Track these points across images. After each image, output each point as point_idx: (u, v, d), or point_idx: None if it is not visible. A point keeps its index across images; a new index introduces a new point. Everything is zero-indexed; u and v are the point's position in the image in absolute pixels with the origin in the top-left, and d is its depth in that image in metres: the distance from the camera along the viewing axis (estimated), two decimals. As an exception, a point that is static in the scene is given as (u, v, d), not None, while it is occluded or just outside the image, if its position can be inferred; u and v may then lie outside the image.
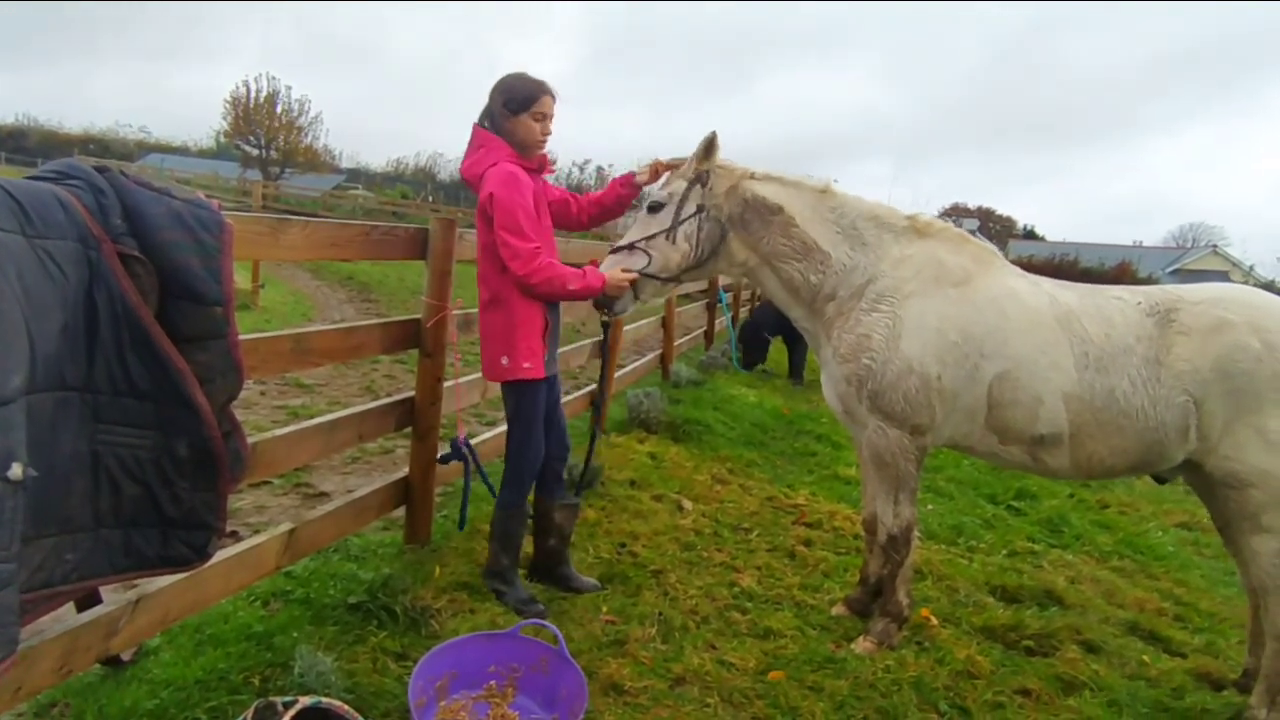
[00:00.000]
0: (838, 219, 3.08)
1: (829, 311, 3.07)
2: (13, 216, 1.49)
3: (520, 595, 3.11)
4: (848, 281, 3.03)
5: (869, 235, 3.05)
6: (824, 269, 3.05)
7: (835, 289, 3.04)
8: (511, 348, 2.94)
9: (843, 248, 3.05)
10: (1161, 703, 2.97)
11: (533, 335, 2.96)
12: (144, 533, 1.80)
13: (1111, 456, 2.85)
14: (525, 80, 2.97)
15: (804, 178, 3.17)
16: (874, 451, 3.03)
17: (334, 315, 11.55)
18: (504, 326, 2.95)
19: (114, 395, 1.68)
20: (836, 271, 3.04)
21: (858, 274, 3.02)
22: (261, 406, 6.00)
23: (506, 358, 2.94)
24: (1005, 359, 2.86)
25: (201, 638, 2.59)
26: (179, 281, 1.75)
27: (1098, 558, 4.67)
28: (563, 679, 2.46)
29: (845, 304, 3.02)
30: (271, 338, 2.54)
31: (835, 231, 3.06)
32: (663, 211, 3.09)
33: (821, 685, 2.79)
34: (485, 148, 2.96)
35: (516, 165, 2.92)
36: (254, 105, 42.27)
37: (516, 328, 2.93)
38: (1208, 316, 2.77)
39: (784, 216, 3.06)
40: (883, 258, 3.02)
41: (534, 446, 3.12)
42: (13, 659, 1.45)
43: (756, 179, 3.11)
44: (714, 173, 3.09)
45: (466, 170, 3.03)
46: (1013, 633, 3.34)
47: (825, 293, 3.06)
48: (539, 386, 3.05)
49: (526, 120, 2.94)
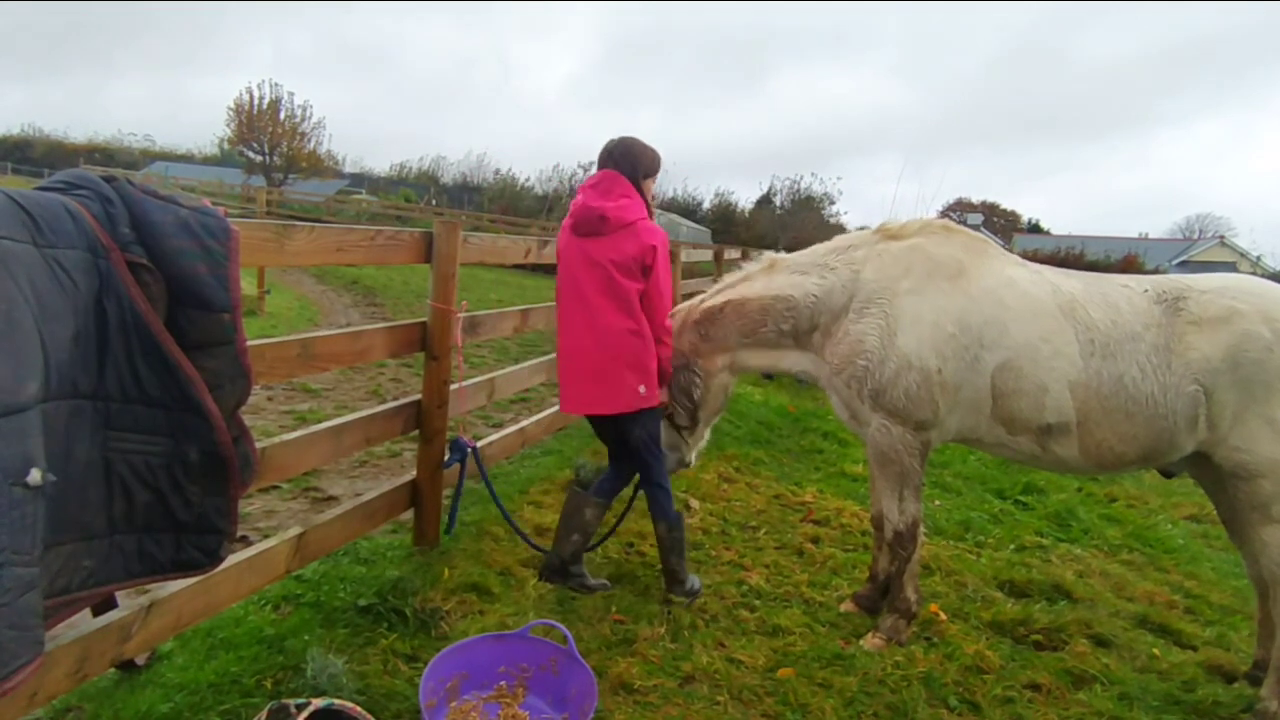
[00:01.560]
0: (792, 269, 3.22)
1: (816, 341, 3.15)
2: (23, 227, 1.50)
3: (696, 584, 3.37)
4: (826, 307, 3.11)
5: (835, 260, 3.15)
6: (791, 313, 3.16)
7: (815, 319, 3.13)
8: (648, 376, 3.13)
9: (808, 282, 3.15)
10: (1173, 695, 2.96)
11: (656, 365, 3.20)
12: (157, 538, 1.82)
13: (1121, 444, 2.83)
14: (655, 151, 3.28)
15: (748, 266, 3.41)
16: (877, 449, 3.03)
17: (340, 320, 11.58)
18: (644, 358, 3.14)
19: (125, 402, 1.70)
20: (809, 306, 3.13)
21: (835, 295, 3.09)
22: (269, 411, 6.03)
23: (644, 386, 3.12)
24: (1006, 348, 2.86)
25: (214, 641, 2.61)
26: (187, 289, 1.77)
27: (1107, 551, 4.66)
28: (572, 678, 2.47)
29: (831, 326, 3.10)
30: (278, 343, 2.55)
31: (793, 274, 3.20)
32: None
33: (831, 682, 2.79)
34: (630, 199, 3.14)
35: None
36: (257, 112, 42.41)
37: (648, 356, 3.14)
38: (1217, 305, 2.76)
39: (733, 304, 3.26)
40: (861, 269, 3.07)
41: (664, 462, 3.37)
42: (39, 661, 1.47)
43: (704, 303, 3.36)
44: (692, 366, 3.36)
45: (615, 214, 3.10)
46: (1022, 627, 3.34)
47: (804, 329, 3.16)
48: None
49: (650, 185, 3.28)
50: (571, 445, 5.38)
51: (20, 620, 1.41)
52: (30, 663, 1.44)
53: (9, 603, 1.38)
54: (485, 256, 3.93)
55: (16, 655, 1.41)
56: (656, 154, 3.29)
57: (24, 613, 1.42)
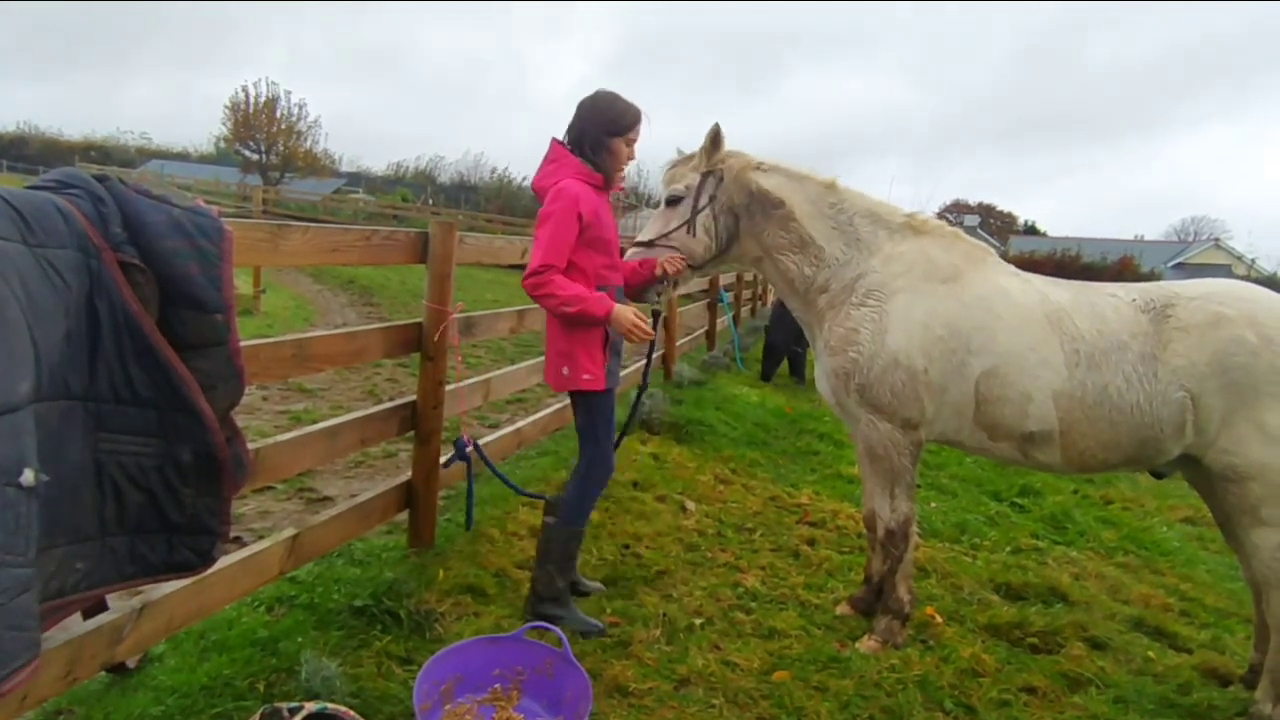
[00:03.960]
0: (836, 214, 3.13)
1: (821, 304, 3.12)
2: (13, 226, 1.49)
3: (580, 618, 3.02)
4: (840, 276, 3.08)
5: (864, 232, 3.10)
6: (818, 263, 3.11)
7: (828, 282, 3.10)
8: (571, 359, 2.92)
9: (837, 243, 3.10)
10: (1168, 699, 2.96)
11: (593, 346, 2.91)
12: (149, 539, 1.81)
13: (1104, 452, 2.86)
14: (627, 104, 2.97)
15: (811, 171, 3.21)
16: (867, 445, 3.05)
17: (336, 320, 11.56)
18: (564, 337, 2.93)
19: (117, 403, 1.69)
20: (830, 265, 3.10)
21: (850, 269, 3.07)
22: (264, 412, 6.01)
23: (567, 368, 2.93)
24: (993, 355, 2.88)
25: (206, 644, 2.59)
26: (179, 289, 1.76)
27: (1102, 554, 4.67)
28: (567, 681, 2.46)
29: (837, 297, 3.08)
30: (273, 343, 2.54)
31: (832, 227, 3.12)
32: (681, 204, 3.14)
33: (827, 685, 2.79)
34: (557, 163, 2.95)
35: (582, 183, 2.90)
36: (253, 110, 42.32)
37: (576, 338, 2.91)
38: (1204, 311, 2.77)
39: (784, 210, 3.12)
40: (875, 254, 3.07)
41: (602, 463, 3.06)
42: (37, 663, 1.46)
43: (763, 170, 3.16)
44: (724, 164, 3.14)
45: (537, 182, 3.00)
46: (1018, 630, 3.34)
47: (818, 285, 3.12)
48: (604, 398, 3.01)
49: (621, 144, 2.97)
50: (568, 446, 5.37)
51: (17, 621, 1.40)
52: (28, 664, 1.43)
53: (5, 603, 1.37)
54: (481, 256, 3.92)
55: (14, 657, 1.40)
56: (619, 107, 2.94)
57: (20, 614, 1.41)
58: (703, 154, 3.15)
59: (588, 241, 2.89)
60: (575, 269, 2.88)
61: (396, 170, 61.33)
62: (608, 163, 2.96)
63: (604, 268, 2.96)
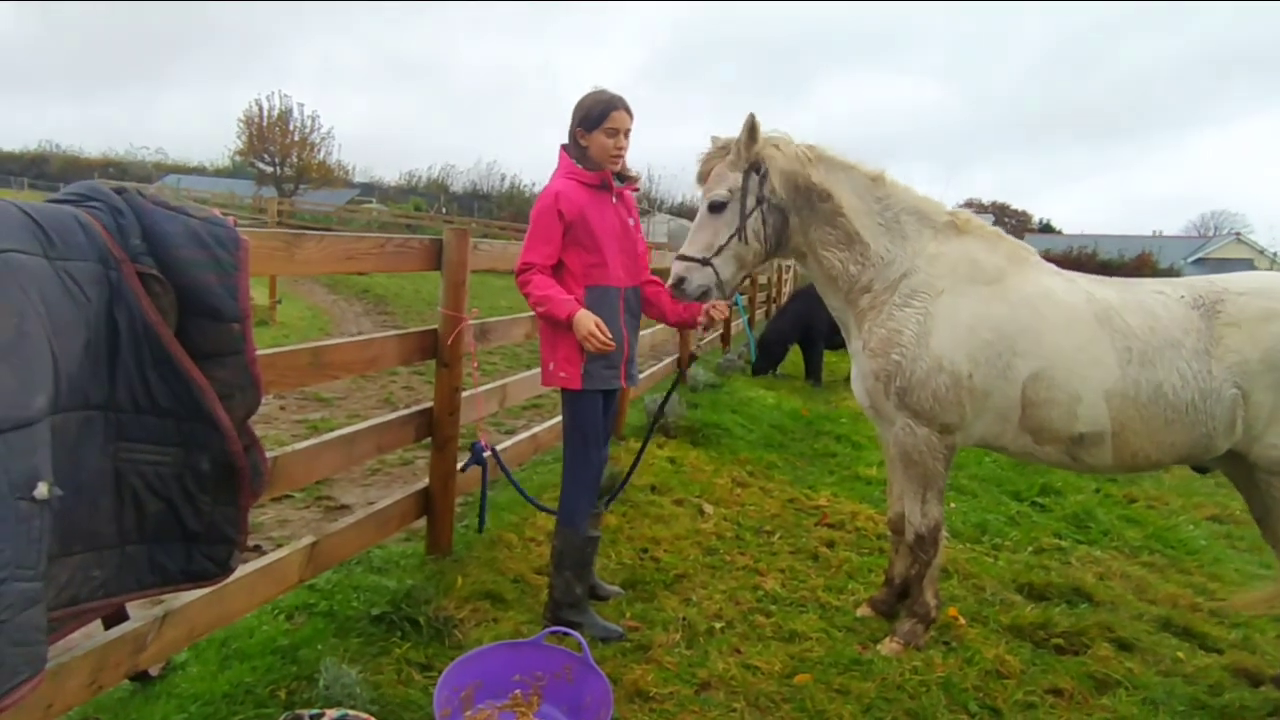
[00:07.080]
0: (883, 210, 3.02)
1: (863, 303, 3.02)
2: (35, 239, 1.51)
3: (600, 623, 3.01)
4: (884, 275, 2.98)
5: (910, 229, 3.01)
6: (864, 261, 3.00)
7: (871, 281, 3.00)
8: (553, 354, 2.97)
9: (883, 240, 3.00)
10: (1198, 700, 2.90)
11: (569, 345, 2.90)
12: (167, 548, 1.82)
13: (1158, 452, 2.81)
14: (598, 96, 2.96)
15: (858, 162, 3.06)
16: (902, 450, 3.00)
17: (351, 328, 11.64)
18: (547, 335, 3.00)
19: (136, 413, 1.70)
20: (874, 264, 2.99)
21: (894, 268, 2.98)
22: (281, 421, 6.05)
23: (552, 363, 2.98)
24: (1039, 357, 2.82)
25: (227, 652, 2.60)
26: (197, 299, 1.77)
27: (1127, 553, 4.60)
28: (587, 686, 2.45)
29: (879, 297, 2.98)
30: (289, 352, 2.55)
31: (878, 223, 3.00)
32: (727, 210, 2.95)
33: (849, 688, 2.76)
34: (557, 166, 3.03)
35: (572, 182, 2.94)
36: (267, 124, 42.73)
37: (556, 337, 2.95)
38: (1254, 307, 2.73)
39: (832, 204, 2.98)
40: (919, 253, 2.97)
41: (583, 463, 3.02)
42: (40, 677, 1.46)
43: (810, 160, 2.99)
44: (767, 157, 2.95)
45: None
46: (1042, 631, 3.29)
47: (862, 284, 3.01)
48: (582, 398, 2.98)
49: (600, 137, 2.93)
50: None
51: (22, 636, 1.40)
52: (31, 679, 1.43)
53: (10, 619, 1.37)
54: (495, 263, 3.93)
55: (18, 671, 1.40)
56: (589, 100, 2.94)
57: (26, 629, 1.41)
58: (741, 147, 2.92)
59: (573, 240, 2.92)
60: (564, 268, 2.95)
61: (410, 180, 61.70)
62: (591, 157, 2.96)
63: (591, 266, 2.95)
